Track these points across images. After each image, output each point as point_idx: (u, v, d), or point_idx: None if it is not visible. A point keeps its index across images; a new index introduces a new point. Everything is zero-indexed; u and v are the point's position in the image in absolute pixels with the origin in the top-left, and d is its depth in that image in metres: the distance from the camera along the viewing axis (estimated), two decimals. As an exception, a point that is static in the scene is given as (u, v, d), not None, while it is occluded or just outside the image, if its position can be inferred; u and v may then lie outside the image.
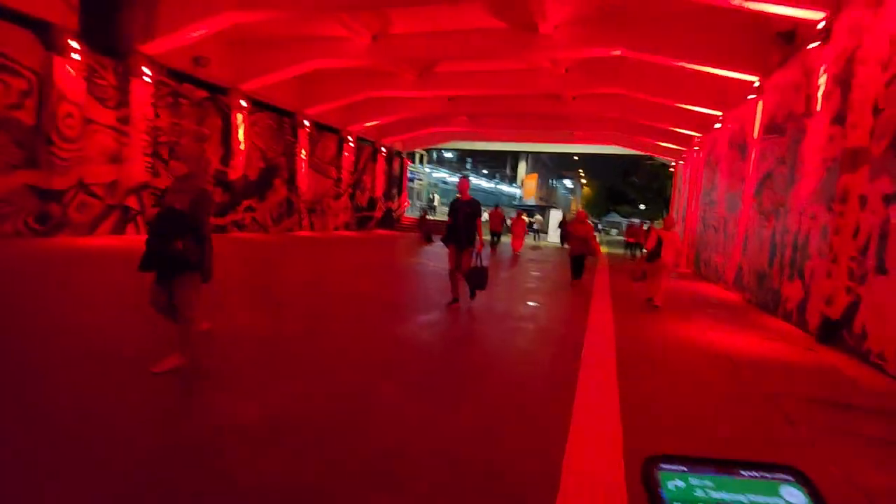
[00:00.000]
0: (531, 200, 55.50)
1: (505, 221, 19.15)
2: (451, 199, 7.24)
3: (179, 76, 13.15)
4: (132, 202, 12.00)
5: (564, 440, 2.86)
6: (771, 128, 9.16)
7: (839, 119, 6.34)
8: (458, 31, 12.09)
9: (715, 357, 5.27)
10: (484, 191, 59.44)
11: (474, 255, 6.45)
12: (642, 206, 47.41)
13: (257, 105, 15.71)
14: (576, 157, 72.06)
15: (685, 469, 0.37)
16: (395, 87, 16.12)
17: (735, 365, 5.02)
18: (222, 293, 6.08)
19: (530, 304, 7.87)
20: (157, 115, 12.37)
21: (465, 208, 6.34)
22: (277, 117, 16.81)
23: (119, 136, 11.62)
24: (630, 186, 49.10)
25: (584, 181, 74.79)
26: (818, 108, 7.08)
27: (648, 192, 41.66)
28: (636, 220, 28.33)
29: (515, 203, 49.64)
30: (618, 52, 10.92)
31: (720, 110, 12.92)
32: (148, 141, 12.15)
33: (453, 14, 11.37)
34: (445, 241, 6.52)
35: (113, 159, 11.53)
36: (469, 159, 66.60)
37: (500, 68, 14.78)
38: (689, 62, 10.42)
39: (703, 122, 15.27)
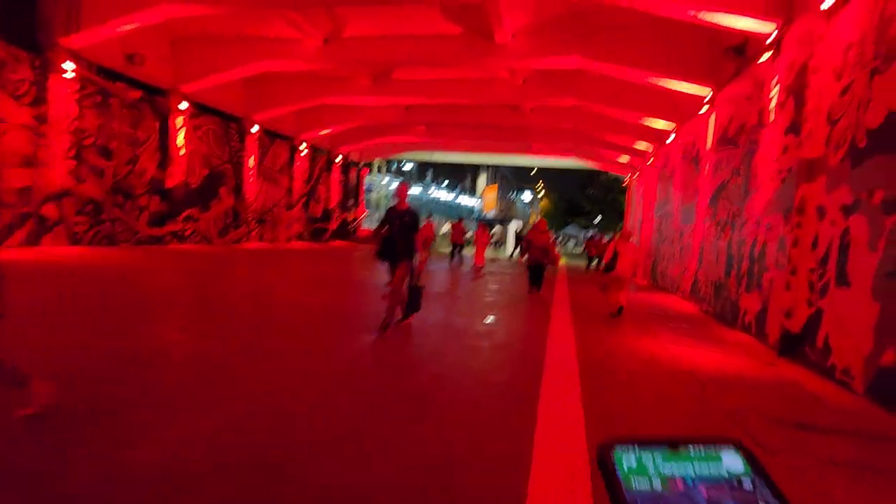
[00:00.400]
0: (491, 213, 55.90)
1: (466, 234, 18.78)
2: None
3: (110, 74, 12.09)
4: (50, 211, 10.78)
5: (529, 457, 2.64)
6: (724, 140, 9.21)
7: (794, 129, 6.30)
8: (414, 35, 11.71)
9: (677, 372, 5.00)
10: (444, 203, 59.24)
11: (413, 271, 5.79)
12: (598, 219, 48.49)
13: (200, 108, 14.74)
14: (534, 172, 73.56)
15: (636, 448, 0.40)
16: (349, 93, 15.56)
17: (697, 380, 4.75)
18: (151, 309, 5.30)
19: (489, 318, 7.44)
20: (80, 115, 11.25)
21: (402, 218, 5.62)
22: (223, 122, 15.85)
23: (35, 136, 10.45)
24: (586, 199, 50.24)
25: (542, 194, 76.27)
26: (771, 118, 7.07)
27: (603, 204, 42.66)
28: (593, 233, 28.74)
29: (475, 216, 49.76)
30: (574, 63, 10.83)
31: (673, 122, 13.10)
32: (71, 142, 11.02)
33: (409, 17, 11.00)
34: (380, 255, 5.76)
35: (27, 162, 10.34)
36: (430, 171, 66.56)
37: (458, 77, 14.51)
38: (643, 73, 10.43)
39: (657, 135, 15.52)
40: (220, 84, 14.15)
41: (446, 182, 67.31)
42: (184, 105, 13.76)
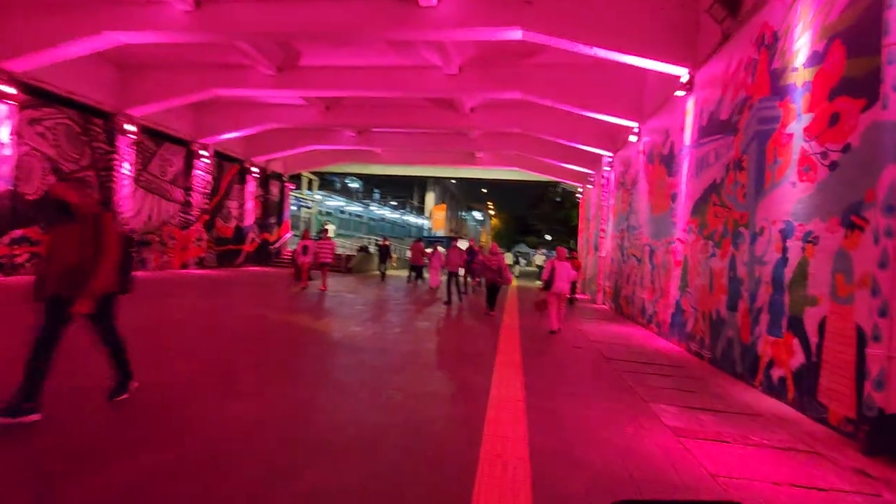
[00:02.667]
0: (440, 231, 53.57)
1: (425, 255, 17.07)
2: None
3: None
4: None
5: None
6: (713, 127, 7.04)
7: (852, 85, 4.06)
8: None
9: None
10: (390, 221, 56.52)
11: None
12: (548, 237, 47.29)
13: (41, 96, 11.30)
14: (484, 190, 72.58)
15: None
16: (248, 83, 12.61)
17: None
18: None
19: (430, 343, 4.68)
20: None
21: None
22: (81, 116, 12.41)
23: None
24: (536, 217, 49.19)
25: (492, 212, 75.02)
26: (801, 80, 4.85)
27: (554, 222, 41.33)
28: (546, 253, 26.78)
29: (425, 234, 47.16)
30: (517, 35, 8.49)
31: (635, 120, 11.05)
32: None
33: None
34: None
35: None
36: (377, 190, 63.61)
37: (379, 64, 11.94)
38: (601, 47, 8.23)
39: (616, 137, 13.54)
40: (68, 62, 10.83)
41: (394, 201, 64.53)
42: (8, 89, 10.30)
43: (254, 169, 19.91)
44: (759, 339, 5.32)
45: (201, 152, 16.55)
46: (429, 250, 17.34)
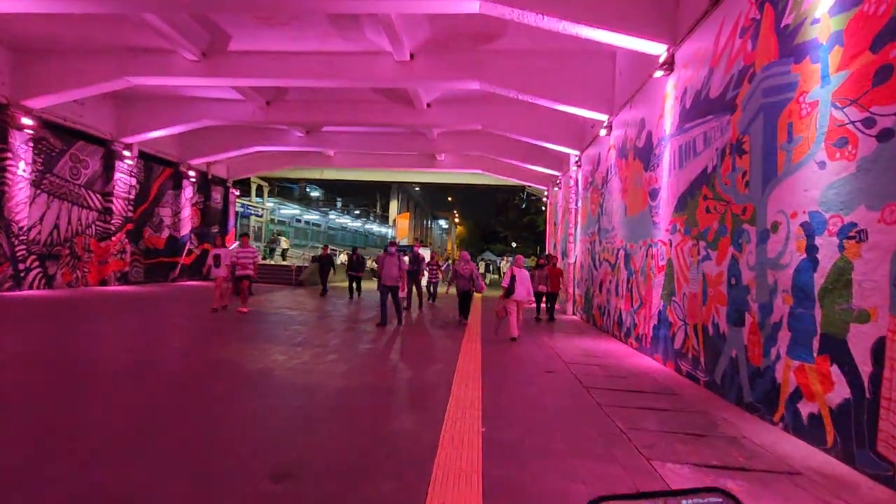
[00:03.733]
0: (405, 240, 52.12)
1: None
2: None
3: None
4: None
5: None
6: (699, 108, 6.02)
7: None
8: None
9: None
10: (352, 230, 54.77)
11: None
12: (514, 244, 46.66)
13: None
14: (450, 198, 71.68)
15: (626, 503, 0.41)
16: (169, 70, 10.95)
17: None
18: None
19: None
20: None
21: None
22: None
23: None
24: (501, 224, 48.55)
25: (457, 221, 74.12)
26: (825, 34, 3.81)
27: (519, 228, 40.61)
28: (510, 260, 25.78)
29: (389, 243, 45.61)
30: (475, 6, 7.31)
31: (605, 112, 10.08)
32: None
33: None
34: None
35: None
36: (339, 199, 61.55)
37: (322, 49, 10.56)
38: (569, 20, 7.14)
39: (583, 134, 12.60)
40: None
41: (357, 210, 62.54)
42: None
43: (191, 173, 18.00)
44: (776, 363, 4.21)
45: (124, 153, 14.62)
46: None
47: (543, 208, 22.32)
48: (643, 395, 5.14)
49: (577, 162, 13.23)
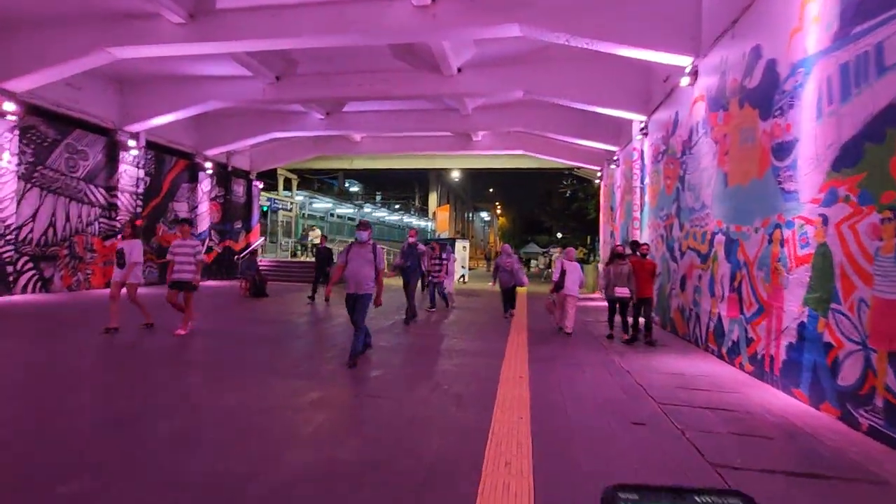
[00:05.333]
0: (445, 233, 50.17)
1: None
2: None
3: None
4: None
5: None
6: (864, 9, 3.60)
7: None
8: None
9: None
10: (389, 224, 53.55)
11: None
12: (559, 235, 43.77)
13: None
14: (490, 189, 69.14)
15: (641, 497, 0.39)
16: (154, 37, 9.40)
17: None
18: None
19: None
20: None
21: None
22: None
23: None
24: (546, 214, 45.63)
25: (499, 212, 71.46)
26: None
27: (566, 217, 37.66)
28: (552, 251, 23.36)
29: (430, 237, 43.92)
30: None
31: (689, 53, 7.62)
32: None
33: None
34: None
35: None
36: (378, 193, 60.41)
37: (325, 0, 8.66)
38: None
39: (650, 94, 10.11)
40: None
41: (397, 205, 61.18)
42: None
43: (207, 164, 16.71)
44: None
45: (129, 142, 13.38)
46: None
47: (595, 192, 19.71)
48: (823, 483, 2.87)
49: (642, 129, 10.72)
